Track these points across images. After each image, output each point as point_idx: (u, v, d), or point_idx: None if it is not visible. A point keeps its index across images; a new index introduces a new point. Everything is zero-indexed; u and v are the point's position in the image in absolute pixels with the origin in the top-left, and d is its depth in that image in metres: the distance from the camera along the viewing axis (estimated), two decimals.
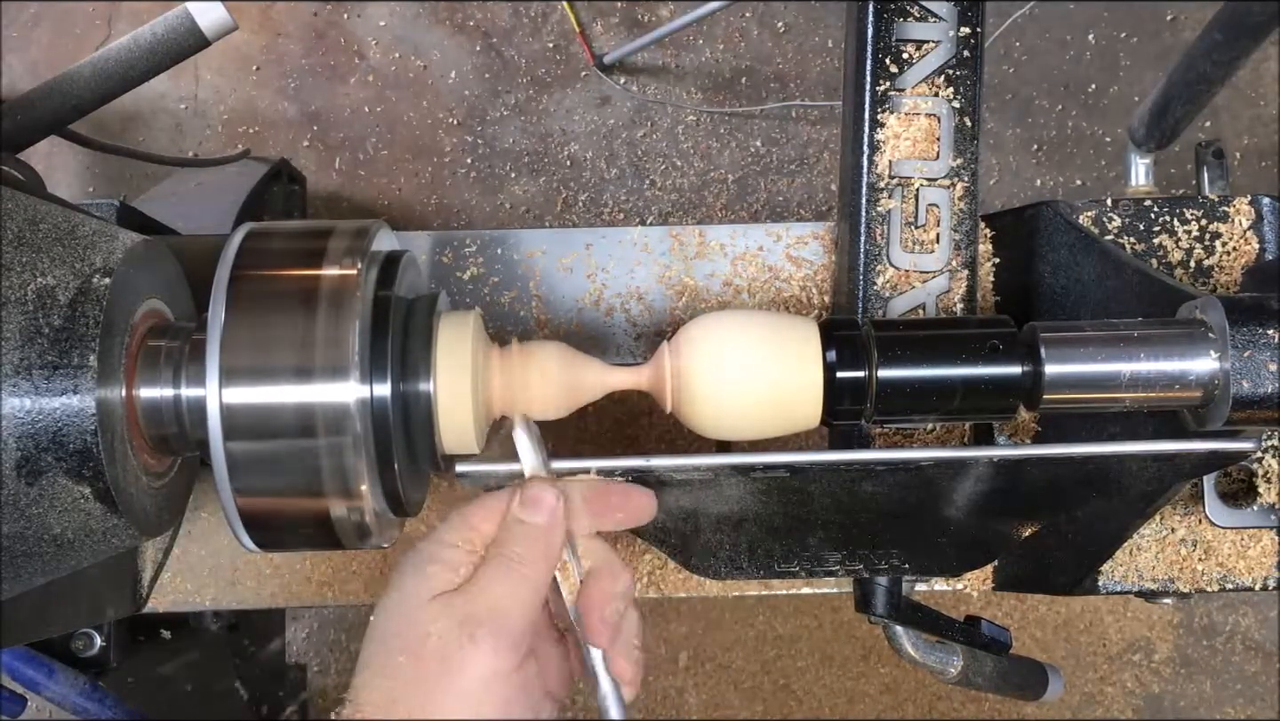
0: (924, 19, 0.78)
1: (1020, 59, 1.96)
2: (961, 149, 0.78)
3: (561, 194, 1.95)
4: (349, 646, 1.91)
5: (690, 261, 0.91)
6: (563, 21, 1.96)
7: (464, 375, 0.63)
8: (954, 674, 0.84)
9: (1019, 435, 0.87)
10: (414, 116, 1.95)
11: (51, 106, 0.79)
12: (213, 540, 0.94)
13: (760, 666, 1.91)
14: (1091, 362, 0.64)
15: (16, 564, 0.57)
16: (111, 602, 0.90)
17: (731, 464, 0.66)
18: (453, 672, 0.58)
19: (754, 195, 1.96)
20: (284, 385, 0.59)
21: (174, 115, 1.95)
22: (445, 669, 0.57)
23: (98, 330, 0.58)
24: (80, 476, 0.57)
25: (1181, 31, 1.95)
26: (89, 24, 1.96)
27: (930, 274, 0.78)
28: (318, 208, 1.90)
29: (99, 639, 0.99)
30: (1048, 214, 0.85)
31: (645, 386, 0.67)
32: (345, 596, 0.93)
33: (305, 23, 1.97)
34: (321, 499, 0.61)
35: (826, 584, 0.91)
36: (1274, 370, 0.62)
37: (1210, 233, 0.86)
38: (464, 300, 0.91)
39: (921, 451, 0.69)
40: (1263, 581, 0.88)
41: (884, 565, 0.77)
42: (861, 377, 0.65)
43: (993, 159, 1.96)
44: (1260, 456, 0.84)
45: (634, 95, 1.96)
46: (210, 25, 0.78)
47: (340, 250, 0.62)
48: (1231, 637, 1.92)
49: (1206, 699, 1.92)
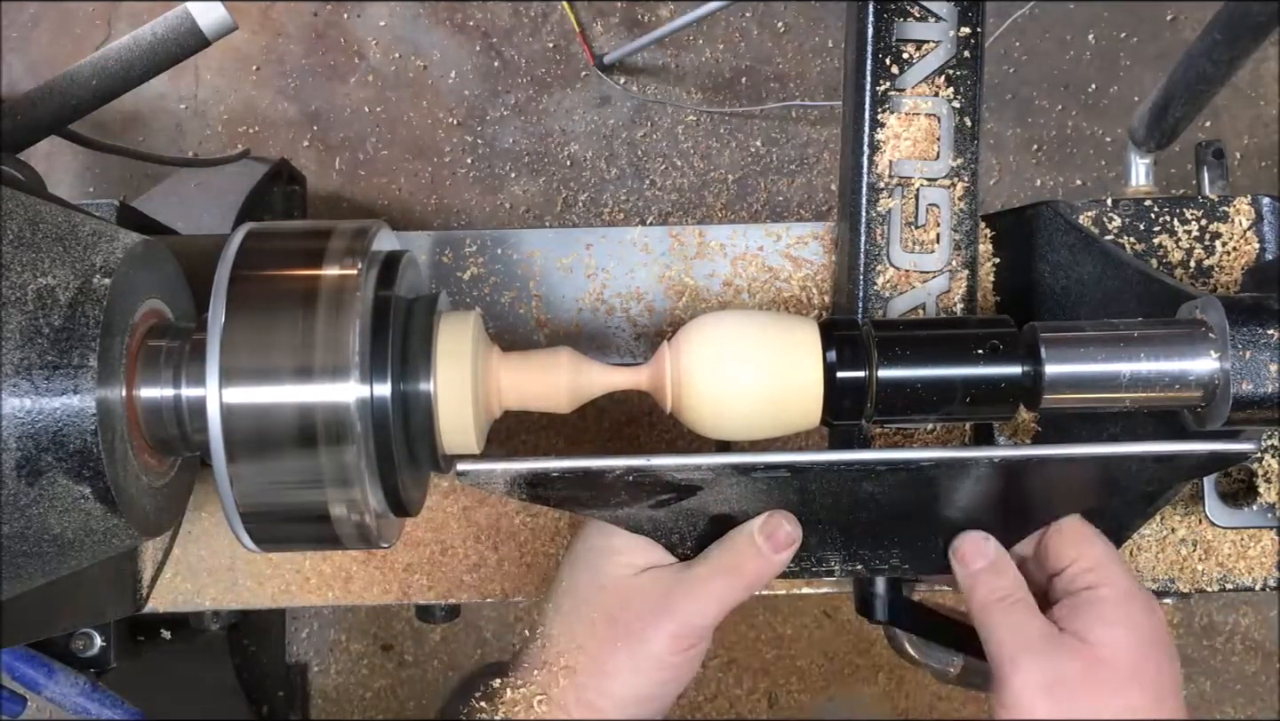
0: (924, 19, 0.78)
1: (1020, 59, 1.96)
2: (962, 149, 0.78)
3: (561, 194, 1.95)
4: (349, 646, 1.91)
5: (690, 261, 0.91)
6: (563, 21, 1.96)
7: (464, 375, 0.63)
8: (954, 674, 0.84)
9: (1019, 435, 0.87)
10: (414, 116, 1.95)
11: (51, 106, 0.79)
12: (213, 540, 0.94)
13: (760, 666, 1.91)
14: (1092, 362, 0.64)
15: (16, 564, 0.57)
16: (111, 602, 0.90)
17: (731, 464, 0.66)
18: (635, 644, 0.66)
19: (754, 195, 1.96)
20: (284, 385, 0.59)
21: (174, 115, 1.95)
22: (630, 641, 0.66)
23: (98, 330, 0.58)
24: (80, 476, 0.57)
25: (1181, 31, 1.95)
26: (89, 24, 1.96)
27: (930, 274, 0.78)
28: (318, 208, 1.90)
29: (99, 639, 0.99)
30: (1048, 214, 0.85)
31: (645, 386, 0.67)
32: (345, 596, 0.93)
33: (305, 23, 1.97)
34: (322, 499, 0.61)
35: (826, 584, 0.91)
36: (1274, 370, 0.62)
37: (1210, 233, 0.86)
38: (464, 300, 0.91)
39: (921, 451, 0.69)
40: (1263, 581, 0.88)
41: (884, 565, 0.77)
42: (862, 378, 0.65)
43: (993, 159, 1.96)
44: (1260, 456, 0.84)
45: (634, 95, 1.96)
46: (210, 25, 0.78)
47: (340, 250, 0.62)
48: (1231, 637, 1.92)
49: (1206, 699, 1.92)
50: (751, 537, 0.68)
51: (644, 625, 0.66)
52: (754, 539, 0.67)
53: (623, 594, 0.67)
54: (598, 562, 0.68)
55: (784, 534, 0.68)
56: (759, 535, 0.68)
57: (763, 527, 0.68)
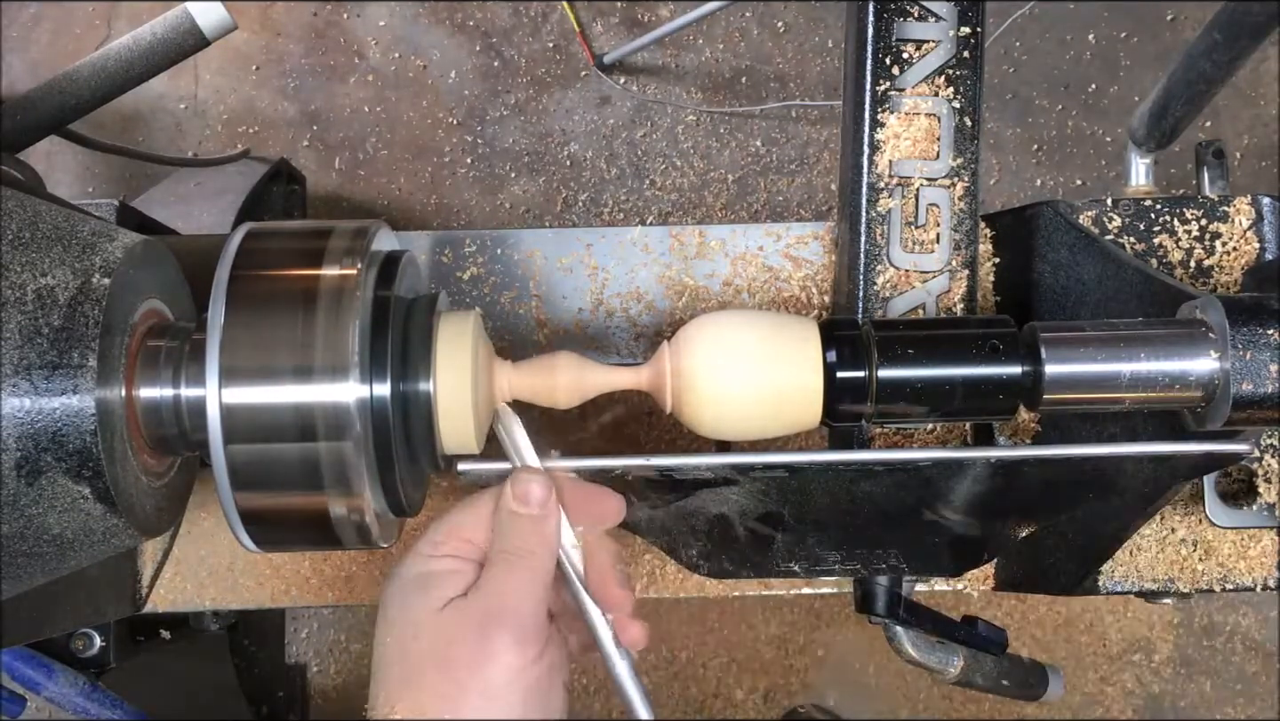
0: (924, 19, 0.78)
1: (1020, 59, 1.96)
2: (961, 149, 0.78)
3: (561, 194, 1.95)
4: (349, 646, 1.91)
5: (690, 261, 0.91)
6: (562, 21, 1.96)
7: (464, 375, 0.63)
8: (954, 674, 0.84)
9: (1019, 435, 0.87)
10: (414, 116, 1.95)
11: (51, 106, 0.79)
12: (213, 540, 0.94)
13: (760, 666, 1.91)
14: (1092, 362, 0.64)
15: (16, 564, 0.57)
16: (111, 602, 0.90)
17: (731, 464, 0.66)
18: (480, 674, 0.59)
19: (754, 195, 1.96)
20: (284, 385, 0.59)
21: (174, 115, 1.95)
22: (473, 672, 0.59)
23: (97, 330, 0.58)
24: (80, 476, 0.57)
25: (1181, 31, 1.95)
26: (89, 24, 1.96)
27: (930, 274, 0.78)
28: (318, 208, 1.90)
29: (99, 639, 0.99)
30: (1048, 214, 0.85)
31: (645, 386, 0.67)
32: (345, 596, 0.93)
33: (305, 23, 1.97)
34: (321, 499, 0.61)
35: (826, 584, 0.91)
36: (1274, 370, 0.62)
37: (1210, 233, 0.86)
38: (464, 300, 0.91)
39: (921, 452, 0.69)
40: (1263, 581, 0.88)
41: (882, 565, 0.77)
42: (861, 378, 0.65)
43: (993, 159, 1.96)
44: (1260, 456, 0.84)
45: (634, 95, 1.96)
46: (210, 25, 0.78)
47: (340, 250, 0.62)
48: (1231, 637, 1.92)
49: (1206, 699, 1.92)
50: (512, 512, 0.63)
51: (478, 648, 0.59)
52: (513, 512, 0.63)
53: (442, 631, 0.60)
54: (406, 607, 0.61)
55: (536, 488, 0.63)
56: (515, 503, 0.63)
57: (515, 495, 0.63)
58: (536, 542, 0.62)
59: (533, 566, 0.61)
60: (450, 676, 0.59)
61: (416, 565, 0.63)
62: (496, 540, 0.62)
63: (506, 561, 0.61)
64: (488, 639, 0.59)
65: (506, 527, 0.62)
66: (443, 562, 0.62)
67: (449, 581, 0.61)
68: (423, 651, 0.60)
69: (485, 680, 0.58)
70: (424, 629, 0.60)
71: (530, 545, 0.62)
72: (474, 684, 0.58)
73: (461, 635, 0.59)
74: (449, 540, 0.63)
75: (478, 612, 0.60)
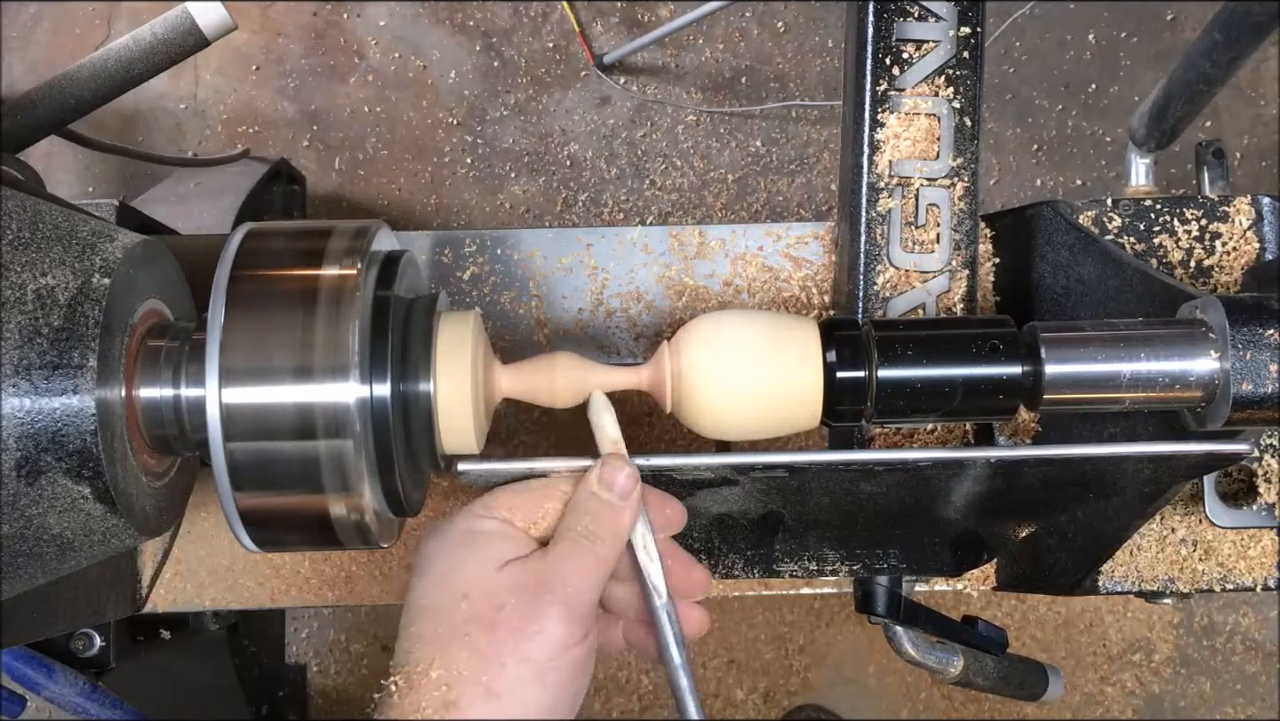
0: (924, 19, 0.78)
1: (1020, 59, 1.96)
2: (961, 149, 0.78)
3: (561, 194, 1.95)
4: (349, 646, 1.91)
5: (690, 261, 0.91)
6: (563, 21, 1.96)
7: (464, 375, 0.63)
8: (954, 674, 0.84)
9: (1019, 435, 0.87)
10: (414, 116, 1.95)
11: (51, 106, 0.79)
12: (213, 540, 0.94)
13: (760, 666, 1.91)
14: (1092, 362, 0.64)
15: (16, 564, 0.57)
16: (111, 602, 0.90)
17: (731, 464, 0.66)
18: (524, 643, 0.58)
19: (754, 195, 1.96)
20: (284, 385, 0.59)
21: (174, 115, 1.95)
22: (518, 640, 0.58)
23: (97, 330, 0.58)
24: (80, 476, 0.57)
25: (1181, 31, 1.95)
26: (89, 24, 1.96)
27: (930, 274, 0.78)
28: (317, 208, 1.90)
29: (99, 639, 0.99)
30: (1048, 214, 0.85)
31: (645, 386, 0.67)
32: (345, 596, 0.93)
33: (305, 23, 1.97)
34: (321, 499, 0.61)
35: (826, 584, 0.91)
36: (1275, 370, 0.62)
37: (1210, 233, 0.86)
38: (464, 300, 0.91)
39: (920, 452, 0.69)
40: (1263, 581, 0.88)
41: (883, 565, 0.77)
42: (861, 378, 0.65)
43: (993, 159, 1.96)
44: (1260, 456, 0.84)
45: (634, 95, 1.96)
46: (210, 25, 0.78)
47: (340, 250, 0.62)
48: (1231, 637, 1.92)
49: (1206, 699, 1.92)
50: (595, 494, 0.62)
51: (527, 619, 0.58)
52: (597, 494, 0.62)
53: (492, 595, 0.59)
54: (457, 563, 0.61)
55: (624, 477, 0.62)
56: (599, 487, 0.62)
57: (600, 479, 0.62)
58: (609, 530, 0.62)
59: (598, 553, 0.61)
60: (494, 638, 0.58)
61: (466, 522, 0.62)
62: (569, 518, 0.62)
63: (574, 541, 0.61)
64: (539, 607, 0.58)
65: (583, 508, 0.62)
66: (493, 524, 0.62)
67: (500, 543, 0.61)
68: (471, 609, 0.59)
69: (527, 650, 0.57)
70: (475, 586, 0.59)
71: (602, 531, 0.61)
72: (516, 651, 0.57)
73: (514, 599, 0.59)
74: (503, 507, 0.63)
75: (534, 580, 0.59)
